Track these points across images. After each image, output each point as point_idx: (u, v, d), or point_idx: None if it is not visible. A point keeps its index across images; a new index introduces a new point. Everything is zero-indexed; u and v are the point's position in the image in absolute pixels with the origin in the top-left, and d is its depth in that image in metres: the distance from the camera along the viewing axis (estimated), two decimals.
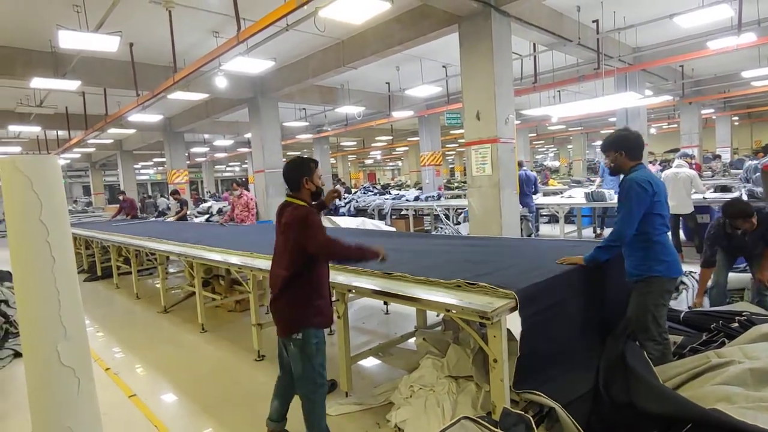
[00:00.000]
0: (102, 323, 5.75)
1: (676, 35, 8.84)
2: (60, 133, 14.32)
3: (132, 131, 14.76)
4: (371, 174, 42.35)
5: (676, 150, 14.33)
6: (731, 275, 4.51)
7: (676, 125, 18.95)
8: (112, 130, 12.77)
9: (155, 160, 26.07)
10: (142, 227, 8.54)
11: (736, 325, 2.71)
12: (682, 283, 4.72)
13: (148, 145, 18.29)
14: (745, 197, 6.45)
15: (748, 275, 4.50)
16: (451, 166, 35.79)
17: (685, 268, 4.70)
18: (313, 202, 2.60)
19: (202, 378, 3.89)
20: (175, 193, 10.75)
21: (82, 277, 8.71)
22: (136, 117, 10.73)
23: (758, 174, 7.02)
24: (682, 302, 4.42)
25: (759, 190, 6.57)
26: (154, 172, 32.66)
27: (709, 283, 4.02)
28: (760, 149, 10.82)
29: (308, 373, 2.45)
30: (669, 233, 2.84)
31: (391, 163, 43.48)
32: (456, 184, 19.56)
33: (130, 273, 6.95)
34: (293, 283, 2.39)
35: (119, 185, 20.28)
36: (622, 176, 2.85)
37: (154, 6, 6.15)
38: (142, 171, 31.41)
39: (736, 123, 23.44)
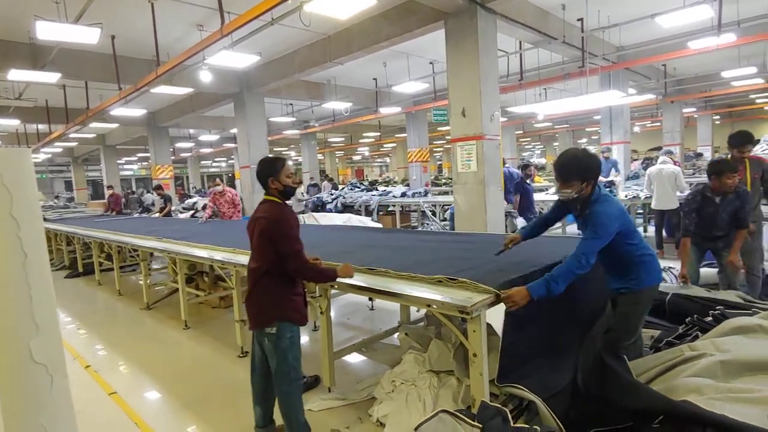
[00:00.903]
0: (83, 320, 5.67)
1: (659, 35, 8.97)
2: (40, 126, 14.02)
3: (115, 126, 14.55)
4: (359, 170, 42.29)
5: (658, 148, 14.60)
6: (702, 271, 4.62)
7: (659, 124, 19.25)
8: (95, 125, 12.56)
9: (139, 155, 25.65)
10: (123, 223, 8.42)
11: (710, 319, 2.78)
12: (662, 279, 4.82)
13: (132, 140, 18.02)
14: None
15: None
16: (439, 162, 35.90)
17: (664, 263, 4.82)
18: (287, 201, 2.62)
19: (184, 375, 3.86)
20: (158, 188, 10.58)
21: (63, 273, 8.57)
22: (118, 111, 10.55)
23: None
24: None
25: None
26: (138, 168, 32.14)
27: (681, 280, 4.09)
28: None
29: (282, 368, 2.44)
30: (644, 238, 2.78)
31: (379, 160, 43.46)
32: (444, 181, 19.64)
33: (113, 269, 6.85)
34: (266, 276, 2.42)
35: (102, 180, 19.95)
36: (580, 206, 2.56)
37: None
38: (125, 166, 30.89)
39: (717, 122, 23.91)
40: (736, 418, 1.64)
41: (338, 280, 2.65)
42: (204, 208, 12.23)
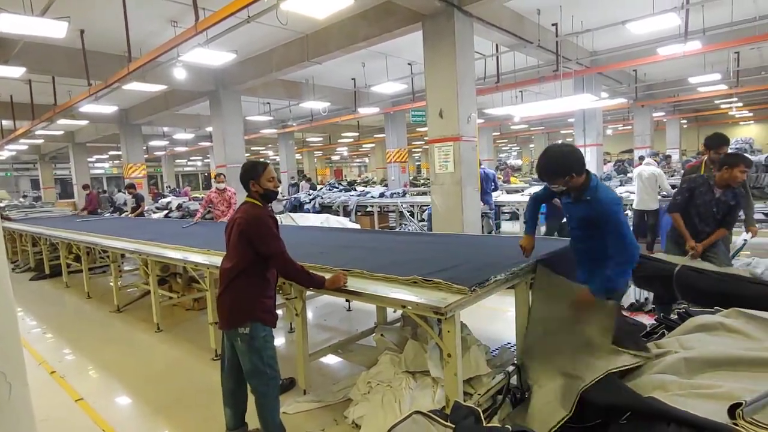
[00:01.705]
0: (49, 324, 5.47)
1: (630, 41, 9.23)
2: (4, 122, 13.48)
3: (84, 123, 14.07)
4: (338, 170, 42.13)
5: (629, 151, 15.02)
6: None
7: (630, 127, 19.82)
8: (63, 121, 12.11)
9: (111, 153, 24.94)
10: (103, 225, 8.16)
11: (675, 317, 2.87)
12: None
13: (103, 138, 17.48)
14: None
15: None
16: (417, 163, 36.08)
17: None
18: (269, 204, 2.63)
19: (156, 379, 3.77)
20: (130, 187, 10.28)
21: (28, 275, 8.25)
22: (88, 108, 10.21)
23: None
24: (630, 296, 4.65)
25: None
26: (110, 166, 31.22)
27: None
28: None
29: (257, 367, 2.42)
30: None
31: (358, 160, 43.40)
32: (422, 181, 19.75)
33: (81, 271, 6.63)
34: (240, 277, 2.42)
35: (71, 179, 19.30)
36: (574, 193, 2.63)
37: None
38: (96, 164, 29.95)
39: (685, 126, 24.76)
40: (697, 414, 1.70)
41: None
42: (179, 208, 12.01)
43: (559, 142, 4.90)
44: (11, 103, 11.25)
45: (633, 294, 4.66)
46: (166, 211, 12.17)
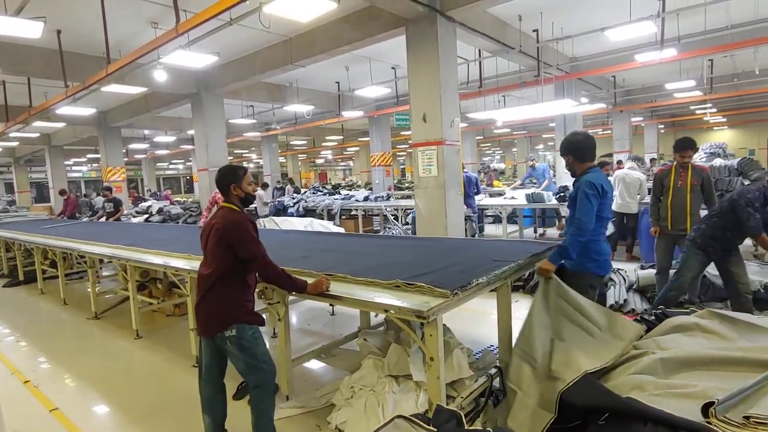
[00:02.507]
0: (23, 332, 5.32)
1: (608, 47, 9.43)
2: None
3: (62, 125, 13.78)
4: (322, 173, 41.98)
5: (609, 155, 15.30)
6: (652, 271, 4.87)
7: (609, 131, 20.21)
8: (38, 124, 11.83)
9: (89, 156, 24.40)
10: (70, 229, 7.97)
11: (653, 318, 2.94)
12: (611, 279, 5.06)
13: (81, 141, 17.08)
14: None
15: (670, 271, 4.88)
16: (402, 166, 36.17)
17: (613, 265, 5.04)
18: (246, 209, 2.63)
19: (134, 387, 3.69)
20: (107, 190, 9.96)
21: (1, 282, 8.01)
22: (65, 110, 9.97)
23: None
24: (610, 298, 4.74)
25: None
26: (88, 169, 30.53)
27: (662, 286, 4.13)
28: None
29: (252, 365, 2.41)
30: (606, 233, 3.06)
31: (342, 163, 43.31)
32: (407, 185, 19.79)
33: (57, 277, 6.46)
34: (219, 283, 2.40)
35: (48, 183, 18.81)
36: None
37: None
38: (74, 168, 29.27)
39: (662, 131, 25.37)
40: (673, 413, 1.74)
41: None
42: (160, 212, 11.82)
43: (584, 131, 5.15)
44: None
45: (613, 295, 4.75)
46: (146, 216, 11.97)
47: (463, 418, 1.83)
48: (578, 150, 2.98)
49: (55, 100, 8.47)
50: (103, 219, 9.59)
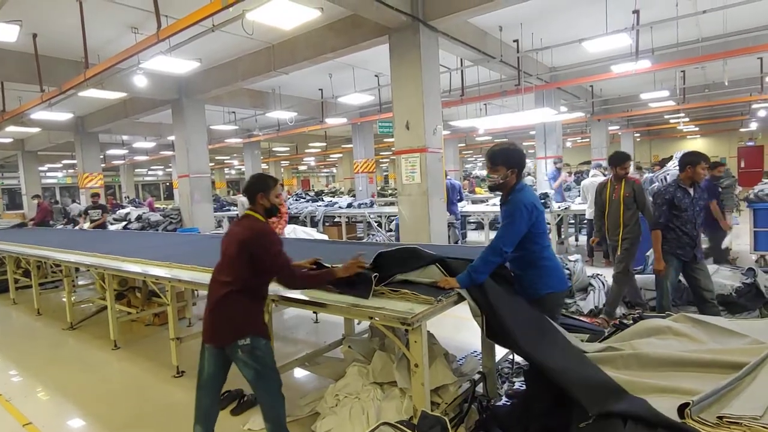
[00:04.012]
0: None
1: (586, 58, 9.68)
2: None
3: (36, 130, 13.39)
4: (305, 180, 41.76)
5: (588, 162, 15.68)
6: (642, 276, 4.99)
7: (588, 140, 20.68)
8: (11, 128, 11.51)
9: (65, 162, 23.78)
10: (56, 236, 7.75)
11: (631, 322, 3.01)
12: (590, 285, 5.16)
13: (57, 146, 16.64)
14: None
15: (647, 276, 5.02)
16: (385, 173, 36.26)
17: (591, 270, 5.15)
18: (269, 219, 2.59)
19: (112, 399, 3.60)
20: (95, 196, 9.84)
21: None
22: (40, 115, 9.73)
23: (654, 185, 7.86)
24: (589, 302, 4.83)
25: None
26: (63, 175, 29.73)
27: (649, 294, 4.29)
28: (657, 163, 12.12)
29: (263, 373, 2.40)
30: (551, 247, 2.83)
31: (325, 170, 43.17)
32: (390, 192, 19.84)
33: (31, 287, 6.27)
34: (237, 292, 2.37)
35: (20, 189, 18.26)
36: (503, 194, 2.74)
37: None
38: (48, 174, 28.46)
39: (638, 139, 26.08)
40: (653, 407, 1.78)
41: (279, 293, 2.62)
42: (138, 219, 11.57)
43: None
44: None
45: (592, 300, 4.85)
46: (124, 223, 11.71)
47: (448, 424, 1.85)
48: (508, 157, 2.65)
49: (30, 105, 8.26)
50: (86, 225, 9.34)
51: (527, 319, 2.44)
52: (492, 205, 9.81)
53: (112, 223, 11.97)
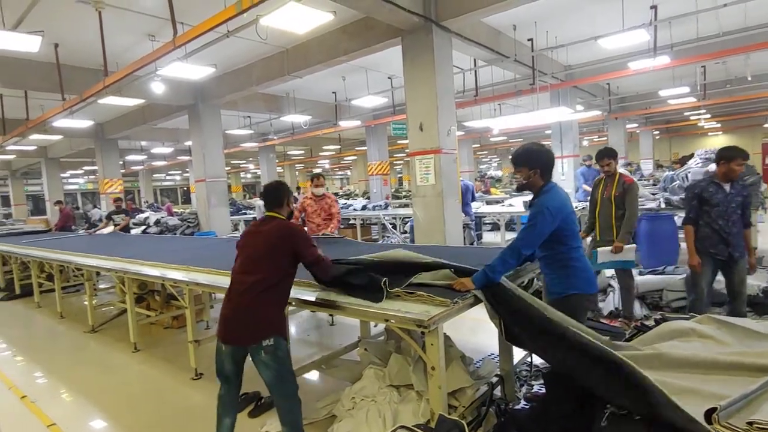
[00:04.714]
0: (19, 346, 5.27)
1: (602, 55, 9.53)
2: None
3: (58, 138, 13.77)
4: None
5: None
6: (651, 277, 4.88)
7: (605, 138, 20.36)
8: (35, 136, 11.85)
9: (86, 168, 24.37)
10: (82, 242, 7.92)
11: (653, 324, 2.93)
12: (610, 286, 5.06)
13: (78, 153, 17.06)
14: (662, 205, 7.05)
15: (669, 276, 4.90)
16: (399, 175, 36.25)
17: (612, 271, 5.05)
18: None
19: (133, 401, 3.65)
20: (118, 201, 10.08)
21: None
22: (62, 122, 9.98)
23: (674, 184, 7.67)
24: (609, 304, 4.74)
25: (675, 198, 7.17)
26: (85, 181, 30.48)
27: (671, 294, 4.16)
28: (677, 161, 11.85)
29: (284, 376, 2.46)
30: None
31: (340, 172, 43.38)
32: (404, 194, 19.81)
33: (54, 290, 6.42)
34: (267, 292, 2.43)
35: (44, 195, 18.75)
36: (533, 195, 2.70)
37: (82, 6, 5.79)
38: (70, 180, 29.21)
39: (657, 137, 25.56)
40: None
41: (295, 296, 2.63)
42: (157, 223, 11.76)
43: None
44: None
45: (612, 301, 4.76)
46: (143, 227, 11.92)
47: (466, 427, 1.82)
48: (535, 159, 2.62)
49: (53, 113, 8.48)
50: (107, 230, 9.52)
51: (547, 319, 2.39)
52: (508, 206, 9.71)
53: (131, 228, 12.21)
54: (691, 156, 8.85)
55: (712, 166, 7.28)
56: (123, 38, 7.23)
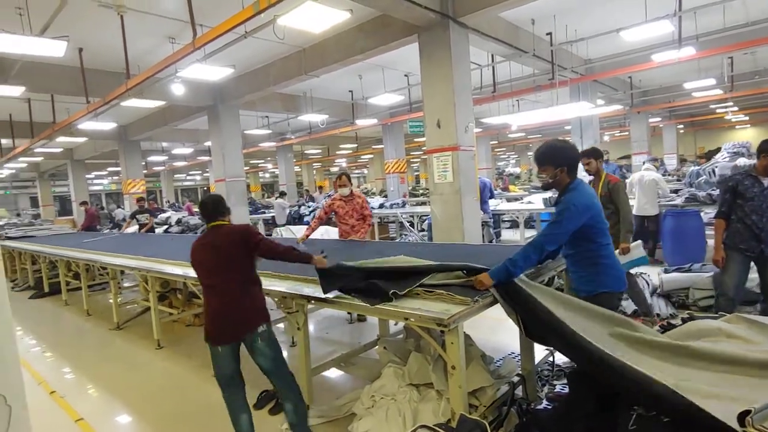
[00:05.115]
0: (49, 343, 5.43)
1: (624, 48, 9.31)
2: (4, 141, 13.50)
3: (83, 140, 14.12)
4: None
5: (627, 156, 15.07)
6: (676, 275, 4.74)
7: (627, 133, 19.90)
8: (61, 139, 12.18)
9: (110, 169, 24.98)
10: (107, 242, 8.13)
11: (680, 323, 2.85)
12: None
13: (102, 154, 17.52)
14: (680, 201, 6.90)
15: (696, 274, 4.76)
16: (416, 173, 36.14)
17: (637, 269, 4.93)
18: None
19: (157, 397, 3.73)
20: (141, 200, 10.33)
21: (27, 294, 8.21)
22: (87, 125, 10.26)
23: (700, 179, 7.46)
24: (632, 304, 4.62)
25: (701, 194, 6.97)
26: (109, 182, 31.26)
27: (698, 293, 4.04)
28: (702, 155, 11.52)
29: (280, 360, 2.62)
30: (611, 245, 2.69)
31: (356, 171, 43.45)
32: (421, 192, 19.74)
33: (80, 289, 6.60)
34: (249, 284, 2.62)
35: (70, 196, 19.31)
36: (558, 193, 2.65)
37: (105, 10, 5.92)
38: (95, 181, 30.00)
39: (681, 131, 24.87)
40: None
41: (316, 295, 2.63)
42: (179, 222, 11.99)
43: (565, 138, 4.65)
44: (10, 121, 11.29)
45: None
46: (165, 226, 12.17)
47: (488, 427, 1.80)
48: (561, 157, 2.57)
49: (78, 116, 8.70)
50: (131, 229, 9.74)
51: (558, 320, 2.33)
52: (527, 203, 9.58)
53: (154, 227, 12.46)
54: (718, 150, 8.59)
55: (741, 160, 7.08)
56: (144, 41, 7.37)
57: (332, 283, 2.65)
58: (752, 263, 3.66)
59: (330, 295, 2.68)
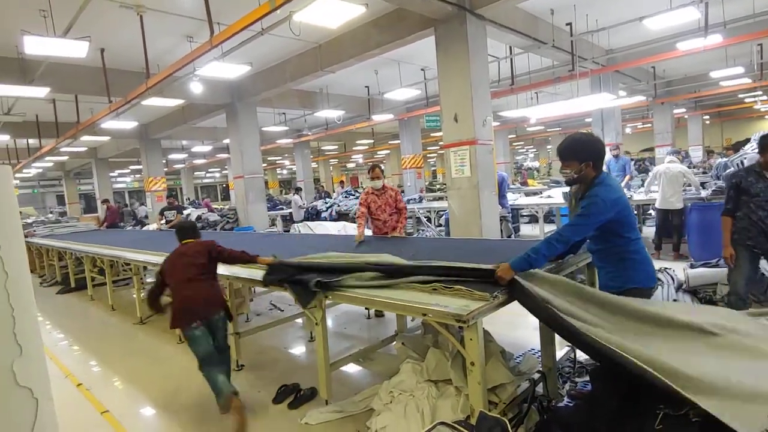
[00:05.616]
0: (75, 337, 5.58)
1: (647, 37, 9.05)
2: (30, 141, 13.92)
3: (106, 139, 14.47)
4: (354, 178, 42.24)
5: (650, 149, 14.67)
6: (703, 270, 4.60)
7: (650, 125, 19.40)
8: (86, 138, 12.49)
9: (132, 167, 25.54)
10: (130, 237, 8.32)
11: None
12: (658, 279, 4.82)
13: (124, 153, 17.92)
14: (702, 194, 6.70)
15: (723, 269, 4.61)
16: (433, 168, 35.97)
17: (659, 264, 4.81)
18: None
19: (178, 390, 3.79)
20: (170, 197, 10.55)
21: (55, 289, 8.46)
22: (109, 124, 10.49)
23: (728, 171, 7.21)
24: (657, 298, 4.51)
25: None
26: (131, 180, 31.97)
27: (726, 289, 3.92)
28: (729, 147, 11.15)
29: (227, 335, 3.38)
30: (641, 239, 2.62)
31: None
32: (438, 186, 19.63)
33: (105, 284, 6.76)
34: (212, 278, 3.41)
35: (95, 194, 19.82)
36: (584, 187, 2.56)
37: (125, 10, 6.03)
38: (118, 179, 30.71)
39: (707, 122, 24.13)
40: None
41: (330, 291, 2.64)
42: (198, 219, 12.17)
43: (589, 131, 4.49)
44: (37, 122, 11.61)
45: (660, 295, 4.52)
46: None
47: (509, 425, 1.77)
48: (586, 151, 2.48)
49: (100, 115, 8.90)
50: (156, 225, 9.94)
51: (593, 306, 2.25)
52: (546, 197, 9.43)
53: None
54: (747, 141, 8.29)
55: None
56: (163, 40, 7.48)
57: (273, 276, 3.18)
58: (762, 259, 3.60)
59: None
